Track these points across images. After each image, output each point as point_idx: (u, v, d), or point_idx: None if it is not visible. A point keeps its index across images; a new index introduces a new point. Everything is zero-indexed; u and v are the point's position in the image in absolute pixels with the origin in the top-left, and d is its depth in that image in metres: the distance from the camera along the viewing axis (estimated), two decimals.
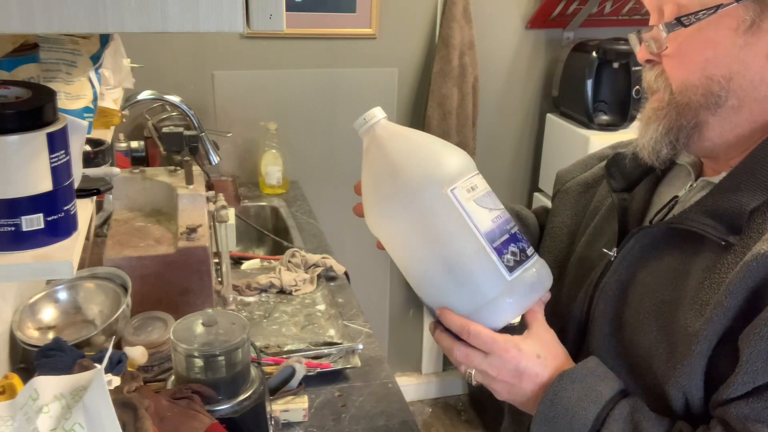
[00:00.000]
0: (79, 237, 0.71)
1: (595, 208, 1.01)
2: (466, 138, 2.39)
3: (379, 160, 0.82)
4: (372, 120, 0.83)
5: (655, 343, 0.79)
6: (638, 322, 0.82)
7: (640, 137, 0.86)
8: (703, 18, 0.75)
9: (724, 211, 0.76)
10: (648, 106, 0.86)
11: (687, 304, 0.77)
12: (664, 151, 0.82)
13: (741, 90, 0.76)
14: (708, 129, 0.79)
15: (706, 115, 0.78)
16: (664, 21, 0.78)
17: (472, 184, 0.81)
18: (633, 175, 0.95)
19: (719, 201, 0.77)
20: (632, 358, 0.81)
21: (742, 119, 0.77)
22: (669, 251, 0.82)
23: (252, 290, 1.56)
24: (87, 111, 0.90)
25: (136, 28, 0.55)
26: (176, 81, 2.14)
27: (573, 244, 1.02)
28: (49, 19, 0.54)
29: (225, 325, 0.97)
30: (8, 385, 0.93)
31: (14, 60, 0.79)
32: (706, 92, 0.77)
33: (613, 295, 0.86)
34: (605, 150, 1.10)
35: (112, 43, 1.13)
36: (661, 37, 0.78)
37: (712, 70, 0.76)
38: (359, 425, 1.18)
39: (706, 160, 0.87)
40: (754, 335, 0.69)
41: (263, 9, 0.57)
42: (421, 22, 2.36)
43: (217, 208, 1.37)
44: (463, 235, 0.79)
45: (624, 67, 2.30)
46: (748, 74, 0.75)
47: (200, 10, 0.56)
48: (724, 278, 0.74)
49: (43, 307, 1.21)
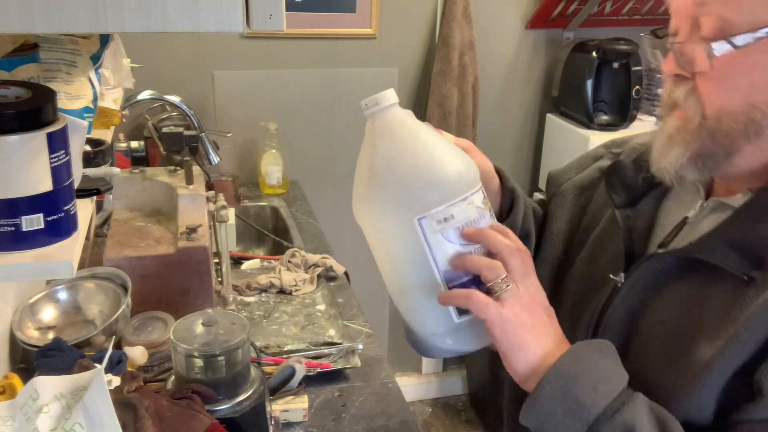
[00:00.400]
0: (79, 237, 0.71)
1: (593, 216, 0.97)
2: (466, 138, 2.38)
3: (371, 149, 0.77)
4: (385, 103, 0.76)
5: (665, 373, 0.76)
6: (647, 351, 0.79)
7: (660, 157, 0.79)
8: (761, 39, 0.68)
9: (747, 244, 0.72)
10: (669, 121, 0.79)
11: (701, 336, 0.73)
12: (690, 176, 0.77)
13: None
14: (740, 156, 0.73)
15: (741, 143, 0.72)
16: (704, 36, 0.71)
17: (448, 214, 0.74)
18: (636, 188, 0.90)
19: (742, 232, 0.73)
20: (639, 385, 0.75)
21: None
22: (683, 279, 0.77)
23: (252, 290, 1.56)
24: (87, 111, 0.90)
25: (136, 28, 0.55)
26: (176, 81, 2.14)
27: (570, 249, 0.99)
28: (49, 19, 0.54)
29: (225, 325, 0.97)
30: (8, 385, 0.93)
31: (14, 60, 0.79)
32: (747, 120, 0.71)
33: (621, 324, 0.82)
34: (599, 149, 1.05)
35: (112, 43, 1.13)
36: (703, 56, 0.71)
37: (757, 96, 0.70)
38: (359, 425, 1.18)
39: (720, 180, 0.82)
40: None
41: (263, 9, 0.57)
42: (421, 22, 2.36)
43: (217, 208, 1.37)
44: (420, 267, 0.75)
45: (624, 67, 2.30)
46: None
47: (200, 10, 0.56)
48: (743, 311, 0.70)
49: (43, 307, 1.21)
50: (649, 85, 2.47)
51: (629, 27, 2.49)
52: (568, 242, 1.00)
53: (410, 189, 0.73)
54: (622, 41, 2.27)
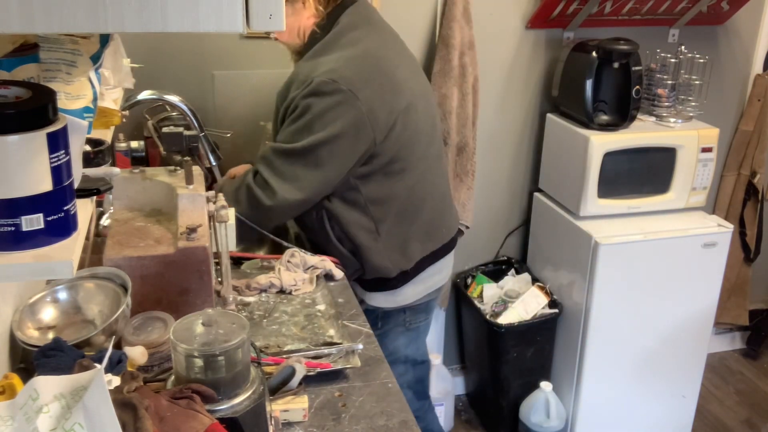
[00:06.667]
0: (79, 237, 0.71)
1: None
2: (466, 138, 2.39)
3: None
4: None
5: None
6: None
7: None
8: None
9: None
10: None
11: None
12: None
13: None
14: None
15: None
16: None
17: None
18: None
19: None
20: None
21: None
22: None
23: (252, 290, 1.56)
24: (87, 111, 0.90)
25: (136, 28, 0.55)
26: (176, 81, 2.14)
27: None
28: (49, 19, 0.54)
29: (225, 325, 0.97)
30: (8, 385, 0.93)
31: (14, 60, 0.79)
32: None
33: None
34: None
35: (112, 43, 1.13)
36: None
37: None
38: (359, 425, 1.18)
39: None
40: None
41: (263, 9, 0.57)
42: (421, 22, 2.36)
43: (217, 208, 1.37)
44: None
45: (624, 67, 2.30)
46: None
47: (200, 10, 0.56)
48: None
49: (43, 307, 1.21)
50: (649, 85, 2.47)
51: (629, 27, 2.49)
52: None
53: None
54: (622, 41, 2.27)
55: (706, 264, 2.41)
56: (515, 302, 2.49)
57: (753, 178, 2.82)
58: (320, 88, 1.57)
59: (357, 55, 1.64)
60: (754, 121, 2.78)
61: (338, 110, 1.57)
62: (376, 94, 1.61)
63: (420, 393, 2.03)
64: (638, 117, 2.39)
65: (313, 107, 1.57)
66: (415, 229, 1.77)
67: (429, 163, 1.78)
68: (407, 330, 1.88)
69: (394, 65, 1.69)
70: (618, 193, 2.38)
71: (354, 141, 1.60)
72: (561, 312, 2.48)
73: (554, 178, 2.52)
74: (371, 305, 1.80)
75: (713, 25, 2.65)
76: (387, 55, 1.71)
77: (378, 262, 1.73)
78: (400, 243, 1.75)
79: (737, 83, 2.80)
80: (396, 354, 1.87)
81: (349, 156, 1.61)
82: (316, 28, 1.67)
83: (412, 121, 1.69)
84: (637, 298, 2.37)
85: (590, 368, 2.43)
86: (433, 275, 1.86)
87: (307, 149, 1.58)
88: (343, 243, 1.72)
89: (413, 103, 1.70)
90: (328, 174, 1.62)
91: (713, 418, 2.82)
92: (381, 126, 1.62)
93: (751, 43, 2.75)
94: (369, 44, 1.68)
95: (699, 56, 2.47)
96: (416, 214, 1.76)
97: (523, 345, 2.47)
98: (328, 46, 1.65)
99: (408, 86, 1.70)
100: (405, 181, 1.71)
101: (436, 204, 1.82)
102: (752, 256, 2.94)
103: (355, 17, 1.69)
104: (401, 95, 1.67)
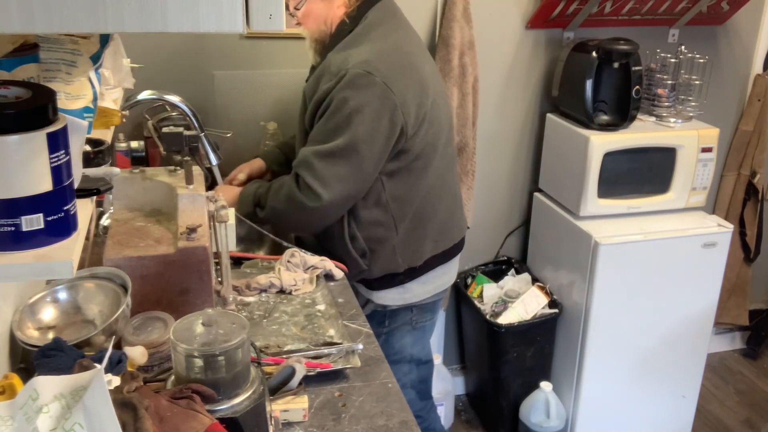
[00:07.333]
0: (79, 237, 0.71)
1: None
2: (466, 138, 2.39)
3: None
4: None
5: None
6: None
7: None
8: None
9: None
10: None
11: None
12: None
13: None
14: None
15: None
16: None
17: None
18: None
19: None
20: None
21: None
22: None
23: (252, 290, 1.56)
24: (87, 111, 0.90)
25: (136, 28, 0.55)
26: (176, 81, 2.14)
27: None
28: (49, 19, 0.54)
29: (225, 325, 0.97)
30: (8, 385, 0.93)
31: (14, 60, 0.79)
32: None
33: None
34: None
35: (112, 43, 1.13)
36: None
37: None
38: (359, 425, 1.18)
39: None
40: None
41: (263, 9, 0.57)
42: (421, 22, 2.36)
43: (217, 208, 1.37)
44: None
45: (624, 67, 2.30)
46: None
47: (200, 10, 0.56)
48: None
49: (43, 307, 1.21)
50: (649, 85, 2.47)
51: (629, 27, 2.49)
52: None
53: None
54: (622, 41, 2.27)
55: (706, 264, 2.41)
56: (515, 302, 2.49)
57: (753, 178, 2.83)
58: (355, 80, 1.57)
59: (388, 48, 1.65)
60: (754, 121, 2.78)
61: (374, 104, 1.58)
62: (408, 87, 1.63)
63: (423, 393, 2.03)
64: (638, 117, 2.39)
65: (350, 101, 1.58)
66: (431, 227, 1.79)
67: (447, 162, 1.80)
68: (413, 329, 1.89)
69: (421, 61, 1.72)
70: (618, 193, 2.38)
71: (390, 134, 1.62)
72: (561, 312, 2.48)
73: (554, 178, 2.52)
74: (379, 304, 1.81)
75: (713, 25, 2.65)
76: (414, 51, 1.73)
77: (390, 259, 1.74)
78: (414, 241, 1.77)
79: (737, 83, 2.80)
80: (402, 353, 1.87)
81: (385, 149, 1.63)
82: (345, 18, 1.68)
83: (436, 118, 1.71)
84: (637, 298, 2.37)
85: (590, 368, 2.43)
86: (441, 275, 1.88)
87: (348, 147, 1.59)
88: (355, 242, 1.73)
89: (436, 100, 1.72)
90: (368, 168, 1.63)
91: (713, 418, 2.82)
92: (412, 120, 1.64)
93: (751, 43, 2.75)
94: (398, 39, 1.69)
95: (699, 56, 2.47)
96: (433, 212, 1.78)
97: (523, 345, 2.47)
98: (359, 39, 1.65)
99: (432, 82, 1.72)
100: (426, 179, 1.73)
101: (449, 204, 1.83)
102: (752, 256, 2.94)
103: (384, 12, 1.70)
104: (428, 91, 1.69)
